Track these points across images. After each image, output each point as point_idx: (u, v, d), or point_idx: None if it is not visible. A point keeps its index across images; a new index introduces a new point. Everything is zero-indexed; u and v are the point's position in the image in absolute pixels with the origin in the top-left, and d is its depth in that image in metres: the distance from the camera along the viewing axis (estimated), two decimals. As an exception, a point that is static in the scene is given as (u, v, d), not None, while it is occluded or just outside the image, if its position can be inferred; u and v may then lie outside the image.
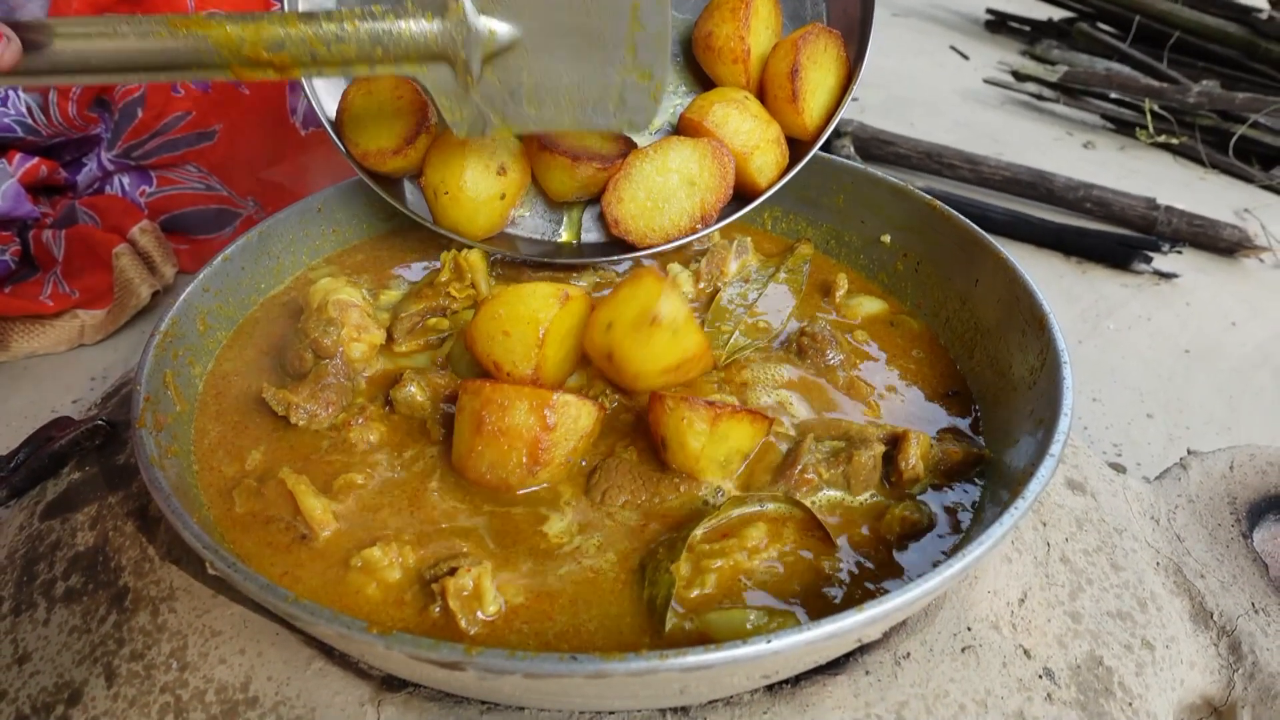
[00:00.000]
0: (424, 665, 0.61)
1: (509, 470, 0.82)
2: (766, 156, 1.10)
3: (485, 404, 0.81)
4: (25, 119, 1.37)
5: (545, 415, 0.80)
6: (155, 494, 0.73)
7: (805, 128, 1.11)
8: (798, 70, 1.07)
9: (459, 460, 0.85)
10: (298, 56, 0.84)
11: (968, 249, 1.04)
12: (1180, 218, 1.99)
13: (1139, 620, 0.85)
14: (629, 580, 0.76)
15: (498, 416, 0.81)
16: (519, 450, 0.81)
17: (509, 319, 0.88)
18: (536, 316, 0.87)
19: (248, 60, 0.83)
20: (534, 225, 1.17)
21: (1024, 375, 0.90)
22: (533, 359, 0.87)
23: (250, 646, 0.76)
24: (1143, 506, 0.99)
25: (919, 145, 2.21)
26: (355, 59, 0.86)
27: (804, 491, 0.83)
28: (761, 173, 1.10)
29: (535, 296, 0.89)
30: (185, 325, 0.95)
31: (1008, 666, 0.77)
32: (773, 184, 1.11)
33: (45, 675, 0.78)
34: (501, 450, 0.81)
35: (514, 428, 0.81)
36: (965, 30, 3.48)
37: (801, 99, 1.08)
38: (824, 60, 1.10)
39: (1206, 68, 2.77)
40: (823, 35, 1.09)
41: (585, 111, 0.94)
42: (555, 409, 0.81)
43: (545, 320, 0.87)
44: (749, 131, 1.08)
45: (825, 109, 1.12)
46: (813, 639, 0.59)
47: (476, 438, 0.82)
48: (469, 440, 0.83)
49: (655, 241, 1.09)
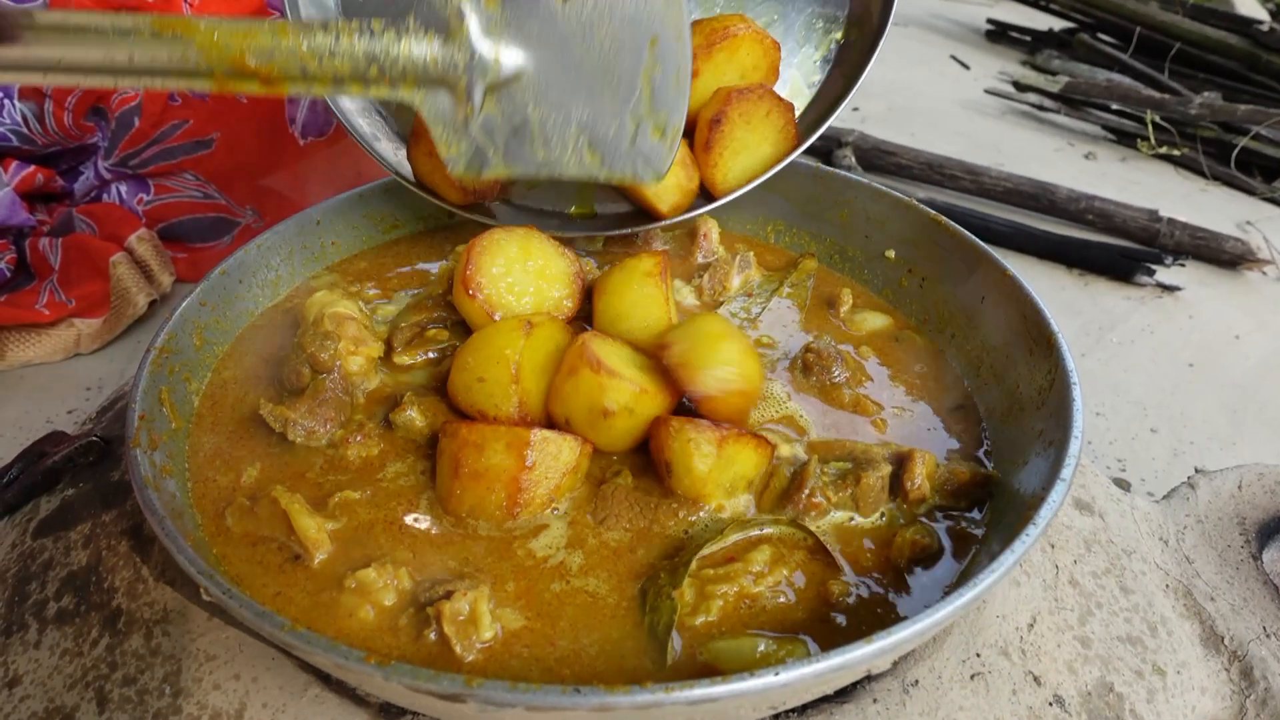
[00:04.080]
0: (424, 696, 0.60)
1: (489, 511, 0.81)
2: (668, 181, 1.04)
3: (461, 446, 0.80)
4: (20, 128, 1.35)
5: (524, 454, 0.79)
6: (150, 517, 0.71)
7: (714, 182, 1.08)
8: (720, 121, 1.03)
9: (442, 502, 0.83)
10: (286, 70, 0.79)
11: (973, 265, 1.03)
12: (1183, 230, 1.99)
13: (1149, 645, 0.84)
14: (630, 606, 0.75)
15: (474, 458, 0.79)
16: (497, 491, 0.80)
17: (479, 365, 0.86)
18: (504, 354, 0.85)
19: (233, 69, 0.77)
20: (543, 197, 1.16)
21: (1032, 395, 0.89)
22: (512, 397, 0.85)
23: (245, 672, 0.75)
24: (1151, 527, 0.98)
25: (920, 156, 2.20)
26: (348, 77, 0.81)
27: (813, 515, 0.81)
28: (659, 197, 1.08)
29: (499, 335, 0.87)
30: (182, 340, 0.94)
31: (1017, 694, 0.76)
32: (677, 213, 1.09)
33: (35, 700, 0.77)
34: (480, 492, 0.80)
35: (491, 469, 0.79)
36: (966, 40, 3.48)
37: (715, 151, 1.04)
38: (761, 126, 1.06)
39: (1207, 79, 2.77)
40: (768, 100, 1.05)
41: (595, 153, 0.88)
42: (534, 447, 0.79)
43: (514, 356, 0.85)
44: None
45: (747, 173, 1.08)
46: (821, 671, 0.58)
47: (455, 481, 0.81)
48: (448, 483, 0.82)
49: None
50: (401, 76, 0.82)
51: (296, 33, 0.78)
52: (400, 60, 0.81)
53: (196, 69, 0.77)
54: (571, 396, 0.84)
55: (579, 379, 0.83)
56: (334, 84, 0.81)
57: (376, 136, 1.12)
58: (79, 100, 1.37)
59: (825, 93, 1.15)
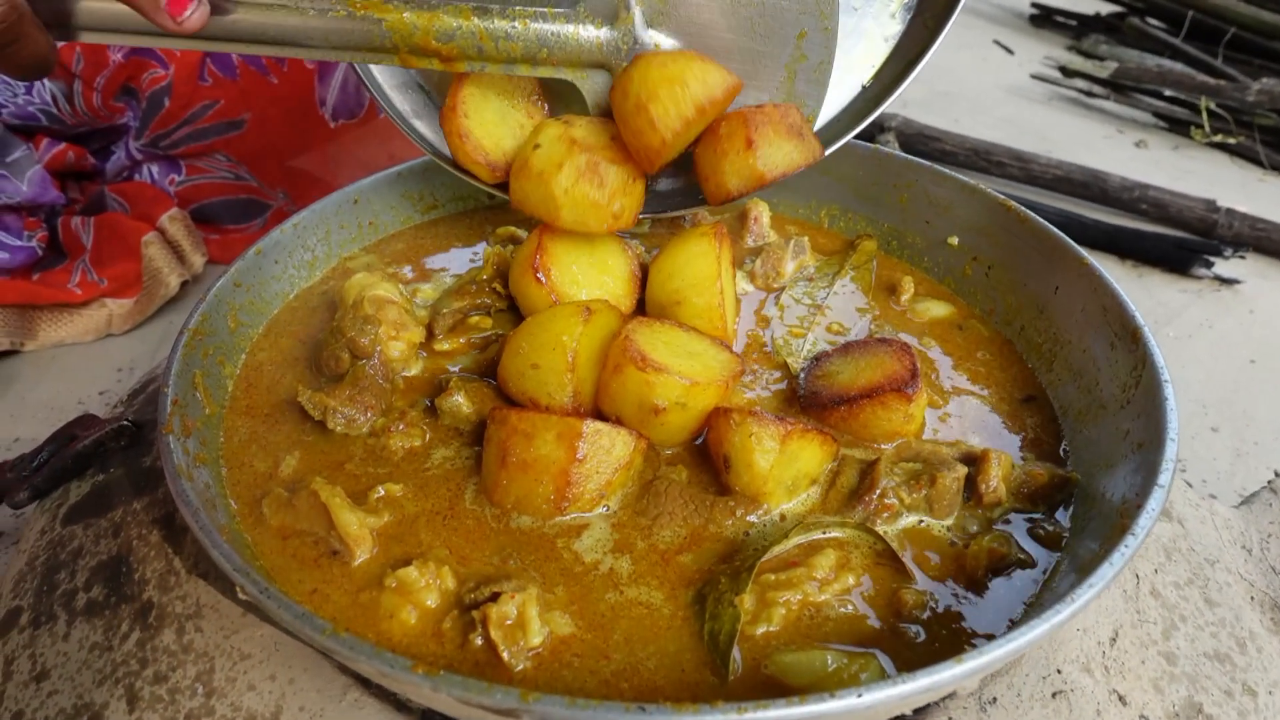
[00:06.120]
0: (474, 709, 0.55)
1: (535, 504, 0.76)
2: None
3: (510, 434, 0.76)
4: (50, 108, 1.33)
5: (575, 446, 0.74)
6: (183, 508, 0.67)
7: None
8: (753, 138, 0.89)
9: (487, 492, 0.79)
10: (465, 50, 0.85)
11: (1046, 254, 0.97)
12: (1242, 221, 1.91)
13: (1238, 663, 0.79)
14: (686, 614, 0.70)
15: (522, 447, 0.75)
16: (545, 484, 0.75)
17: (533, 350, 0.82)
18: (561, 340, 0.81)
19: (417, 48, 0.84)
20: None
21: (1115, 393, 0.83)
22: (568, 386, 0.81)
23: (281, 673, 0.71)
24: (1233, 535, 0.92)
25: (965, 142, 2.13)
26: (520, 58, 0.86)
27: (885, 518, 0.76)
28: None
29: (557, 319, 0.83)
30: (215, 322, 0.90)
31: (1102, 714, 0.71)
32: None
33: (64, 695, 0.74)
34: (528, 483, 0.76)
35: (540, 459, 0.75)
36: (1009, 24, 3.38)
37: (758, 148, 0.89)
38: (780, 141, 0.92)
39: (1264, 65, 2.67)
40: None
41: None
42: (586, 440, 0.75)
43: (571, 344, 0.81)
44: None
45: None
46: (908, 692, 0.53)
47: (501, 471, 0.77)
48: (495, 473, 0.78)
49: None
50: (568, 59, 0.88)
51: (477, 16, 0.84)
52: (569, 44, 0.87)
53: (384, 46, 0.84)
54: (619, 395, 0.80)
55: (625, 377, 0.78)
56: (506, 63, 0.87)
57: (416, 114, 1.07)
58: (108, 80, 1.34)
59: (905, 47, 1.06)
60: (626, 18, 0.87)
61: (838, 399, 0.84)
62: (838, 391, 0.85)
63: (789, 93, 0.92)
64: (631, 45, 0.87)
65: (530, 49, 0.86)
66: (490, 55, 0.85)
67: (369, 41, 0.83)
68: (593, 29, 0.87)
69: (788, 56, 0.90)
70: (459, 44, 0.84)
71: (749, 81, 0.90)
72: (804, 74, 0.91)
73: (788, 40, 0.89)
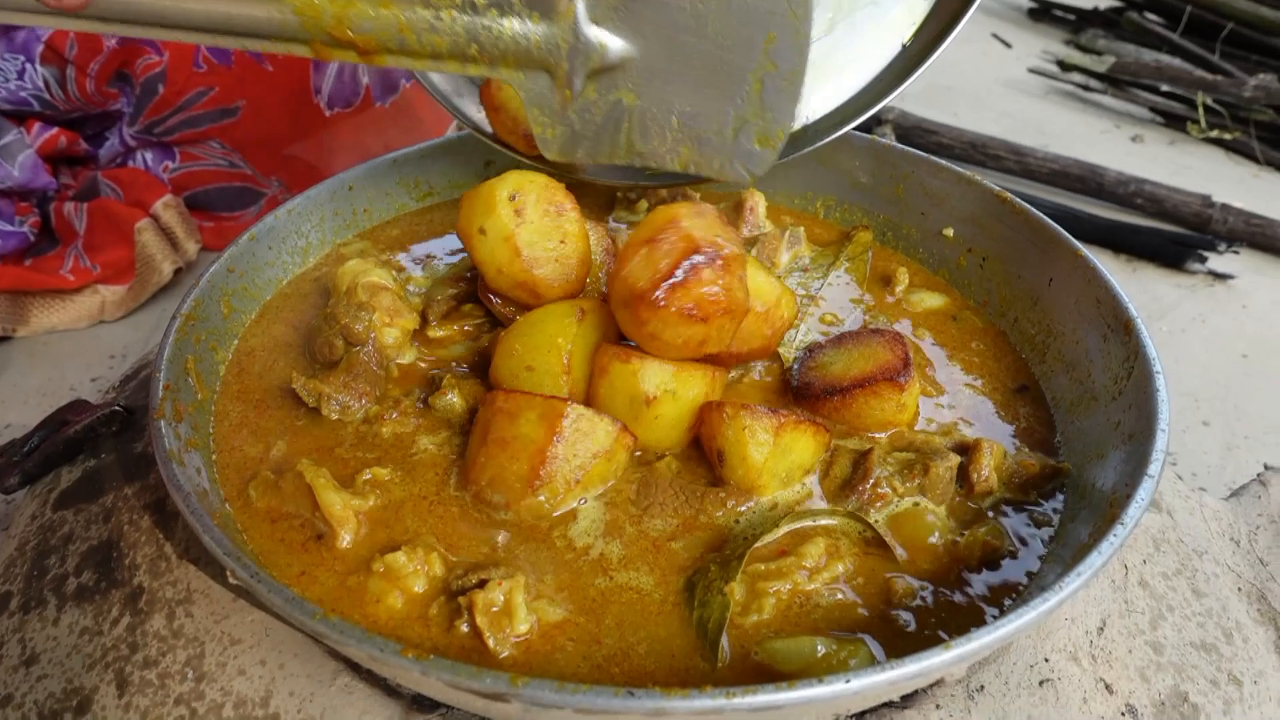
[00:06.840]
0: (463, 693, 0.56)
1: (508, 482, 0.75)
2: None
3: (495, 413, 0.76)
4: (42, 93, 1.32)
5: (555, 426, 0.73)
6: (174, 493, 0.67)
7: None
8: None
9: (465, 473, 0.79)
10: (384, 42, 0.77)
11: (1041, 246, 0.97)
12: (1237, 216, 1.91)
13: (1225, 653, 0.79)
14: (676, 601, 0.70)
15: (504, 425, 0.75)
16: (520, 461, 0.74)
17: (527, 352, 0.82)
18: (556, 342, 0.81)
19: (329, 37, 0.76)
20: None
21: (1107, 384, 0.84)
22: (563, 388, 0.80)
23: (271, 657, 0.71)
24: (1221, 526, 0.92)
25: (963, 135, 2.13)
26: (446, 54, 0.78)
27: (877, 507, 0.76)
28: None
29: (550, 319, 0.83)
30: (208, 307, 0.90)
31: (1088, 702, 0.71)
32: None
33: (53, 680, 0.74)
34: (504, 460, 0.75)
35: (519, 437, 0.74)
36: (1007, 18, 3.38)
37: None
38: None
39: (1261, 61, 2.67)
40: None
41: (693, 150, 0.84)
42: (567, 419, 0.74)
43: (566, 345, 0.80)
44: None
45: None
46: (896, 678, 0.53)
47: (481, 449, 0.76)
48: (474, 450, 0.77)
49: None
50: (501, 57, 0.79)
51: (397, 5, 0.76)
52: (502, 40, 0.78)
53: (294, 34, 0.76)
54: (609, 397, 0.79)
55: (611, 376, 0.78)
56: (432, 59, 0.79)
57: (458, 92, 1.06)
58: (102, 66, 1.33)
59: (944, 6, 1.03)
60: (568, 11, 0.77)
61: (831, 389, 0.84)
62: (831, 382, 0.85)
63: (757, 106, 0.81)
64: (573, 43, 0.79)
65: (458, 44, 0.78)
66: (413, 50, 0.78)
67: (277, 29, 0.76)
68: (528, 23, 0.77)
69: (755, 63, 0.79)
70: (377, 36, 0.76)
71: (710, 91, 0.81)
72: (773, 84, 0.80)
73: (755, 46, 0.78)
